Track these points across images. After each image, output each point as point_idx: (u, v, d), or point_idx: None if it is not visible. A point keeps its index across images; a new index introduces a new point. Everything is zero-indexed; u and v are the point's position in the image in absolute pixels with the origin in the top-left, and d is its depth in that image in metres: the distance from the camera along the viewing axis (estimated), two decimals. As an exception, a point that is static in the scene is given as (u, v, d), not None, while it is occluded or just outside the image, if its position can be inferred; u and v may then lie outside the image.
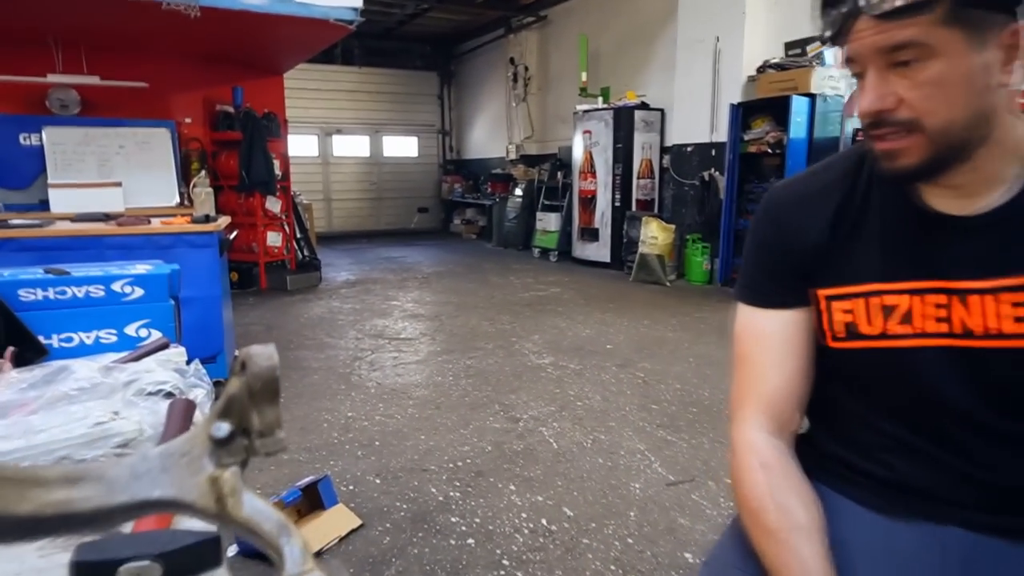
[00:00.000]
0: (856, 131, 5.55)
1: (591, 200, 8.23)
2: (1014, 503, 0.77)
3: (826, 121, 5.90)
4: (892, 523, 0.82)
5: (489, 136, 12.25)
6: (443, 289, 6.88)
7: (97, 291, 1.33)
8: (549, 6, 9.98)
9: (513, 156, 10.75)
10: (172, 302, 1.44)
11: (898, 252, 0.80)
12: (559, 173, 9.33)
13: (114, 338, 1.33)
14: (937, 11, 0.66)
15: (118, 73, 5.85)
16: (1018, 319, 0.72)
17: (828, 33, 0.75)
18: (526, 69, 10.50)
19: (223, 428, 0.53)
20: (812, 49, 5.94)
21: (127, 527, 0.69)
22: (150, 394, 0.96)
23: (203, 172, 4.96)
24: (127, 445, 0.85)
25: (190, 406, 0.89)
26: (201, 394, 1.05)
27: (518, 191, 10.09)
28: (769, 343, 0.88)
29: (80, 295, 1.32)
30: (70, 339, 1.30)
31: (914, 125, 0.71)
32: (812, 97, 5.85)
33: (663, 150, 7.91)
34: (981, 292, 0.74)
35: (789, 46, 6.19)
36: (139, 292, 1.38)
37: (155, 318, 1.38)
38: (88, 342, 1.31)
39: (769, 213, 0.92)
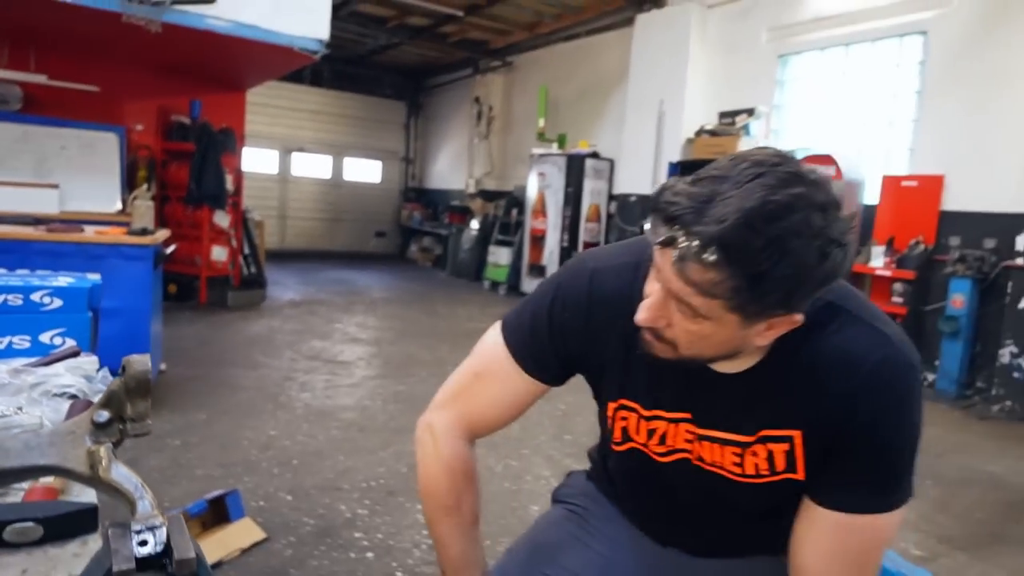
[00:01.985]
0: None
1: (541, 238, 8.53)
2: (709, 551, 1.05)
3: (754, 185, 6.35)
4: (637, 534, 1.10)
5: (451, 168, 12.53)
6: (388, 315, 6.98)
7: (15, 300, 1.40)
8: (515, 54, 10.40)
9: (472, 190, 11.03)
10: (90, 314, 1.55)
11: (666, 386, 0.92)
12: (514, 210, 9.64)
13: (28, 344, 1.42)
14: (720, 302, 0.72)
15: (69, 74, 5.85)
16: (736, 464, 0.90)
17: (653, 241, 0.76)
18: (490, 109, 10.86)
19: (103, 415, 0.70)
20: (740, 120, 6.47)
21: (18, 497, 0.82)
22: (56, 395, 1.08)
23: (145, 186, 4.99)
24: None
25: (89, 406, 1.03)
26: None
27: (474, 224, 10.34)
28: (501, 389, 1.01)
29: (-2, 301, 1.43)
30: (-16, 342, 1.40)
31: (673, 343, 0.81)
32: (742, 163, 6.30)
33: (611, 197, 8.30)
34: (711, 440, 0.91)
35: (722, 115, 6.71)
36: (58, 303, 1.45)
37: (71, 328, 1.47)
38: (0, 346, 1.41)
39: (581, 304, 0.95)
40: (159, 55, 6.03)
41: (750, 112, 6.50)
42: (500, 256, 9.43)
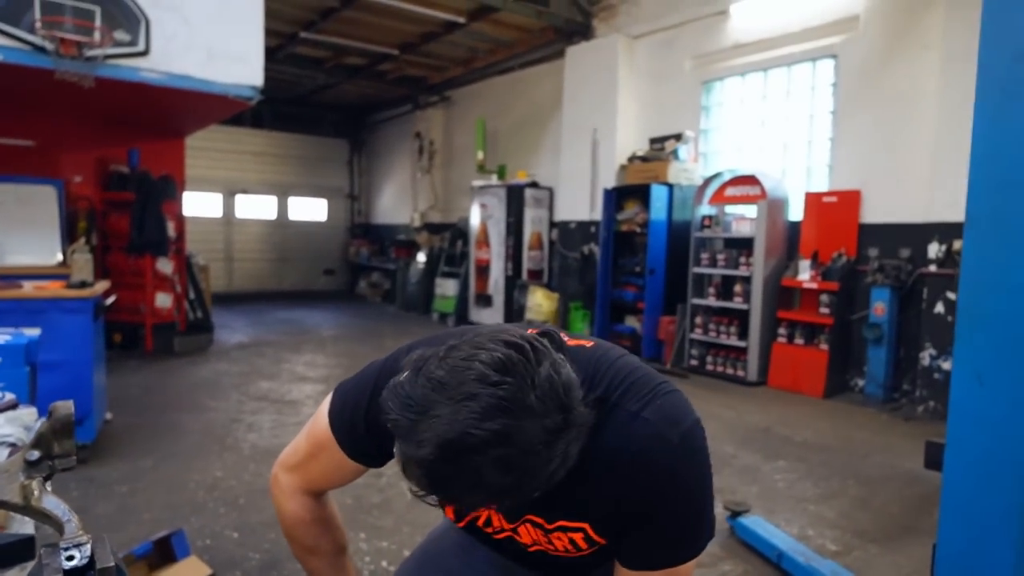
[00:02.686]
0: (704, 217, 6.36)
1: (486, 268, 8.74)
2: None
3: (683, 206, 6.72)
4: None
5: (396, 203, 12.68)
6: (338, 352, 7.05)
7: (-43, 357, 1.54)
8: (453, 88, 10.71)
9: (417, 223, 11.21)
10: (28, 368, 1.66)
11: None
12: (459, 242, 9.83)
13: (-30, 399, 1.54)
14: None
15: (3, 130, 5.85)
16: (547, 541, 1.01)
17: None
18: (431, 143, 11.11)
19: (33, 454, 0.85)
20: (669, 146, 6.84)
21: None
22: (-4, 443, 1.20)
23: (83, 239, 5.00)
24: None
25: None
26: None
27: (421, 257, 10.49)
28: (332, 464, 1.10)
29: (-59, 360, 1.54)
30: (-74, 398, 1.50)
31: None
32: (670, 186, 6.67)
33: (552, 225, 8.58)
34: (522, 521, 1.02)
35: (652, 141, 7.07)
36: None
37: (9, 382, 1.58)
38: (-55, 401, 1.51)
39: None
40: (95, 107, 6.08)
41: (678, 137, 6.88)
42: (447, 288, 9.60)
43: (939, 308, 5.03)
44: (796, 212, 6.09)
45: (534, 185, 8.55)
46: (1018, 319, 1.68)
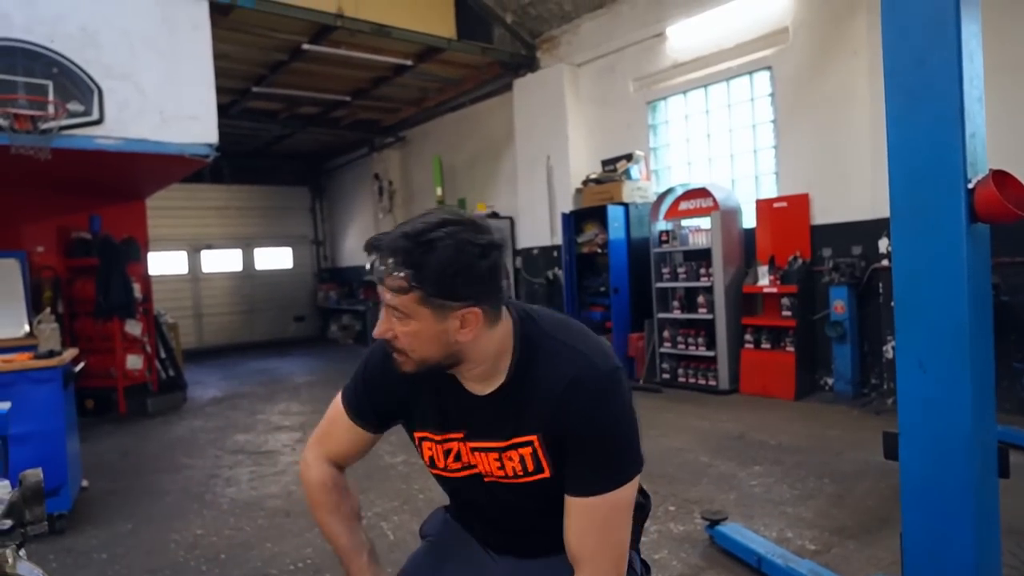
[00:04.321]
0: (661, 232, 6.55)
1: (456, 301, 8.80)
2: (531, 552, 1.32)
3: (641, 224, 6.91)
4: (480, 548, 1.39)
5: (361, 245, 12.56)
6: (312, 398, 7.04)
7: (-72, 437, 1.59)
8: (407, 128, 10.92)
9: (384, 263, 11.23)
10: (0, 440, 1.71)
11: (450, 415, 1.22)
12: (427, 277, 9.88)
13: (-57, 476, 1.59)
14: (412, 296, 1.04)
15: (-41, 206, 5.83)
16: (499, 468, 1.19)
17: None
18: (390, 183, 11.26)
19: (6, 523, 0.93)
20: (620, 166, 7.05)
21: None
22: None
23: (48, 309, 5.00)
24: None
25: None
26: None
27: (390, 295, 10.50)
28: (345, 434, 1.34)
29: (-88, 441, 1.58)
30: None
31: (405, 353, 1.11)
32: (626, 205, 6.87)
33: (515, 252, 8.72)
34: (480, 450, 1.20)
35: (605, 163, 7.28)
36: None
37: (-18, 457, 1.65)
38: (-82, 482, 1.56)
39: (377, 361, 1.27)
40: (53, 177, 6.07)
41: (629, 157, 7.10)
42: (420, 322, 9.61)
43: (894, 301, 5.21)
44: (749, 220, 6.28)
45: (494, 215, 8.70)
46: (948, 304, 1.81)
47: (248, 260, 13.11)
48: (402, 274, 1.03)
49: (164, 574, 2.97)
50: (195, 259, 12.44)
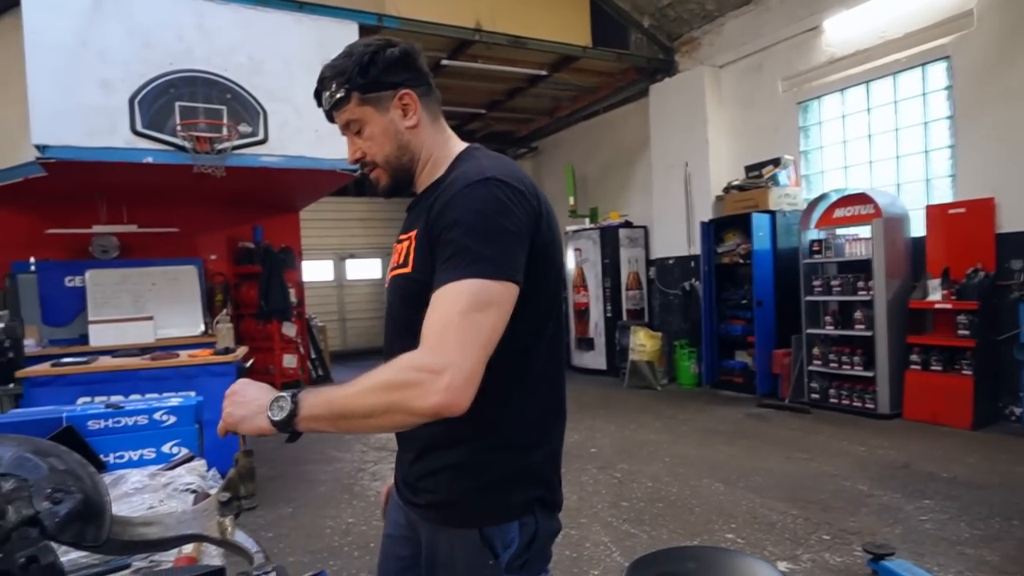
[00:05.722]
0: (812, 242, 6.09)
1: (585, 312, 8.75)
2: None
3: (789, 233, 6.48)
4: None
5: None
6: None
7: (143, 420, 1.78)
8: (539, 138, 11.05)
9: (515, 271, 11.42)
10: (197, 426, 1.89)
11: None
12: (557, 286, 9.91)
13: (153, 454, 1.77)
14: (352, 102, 1.16)
15: (154, 220, 6.67)
16: (393, 263, 1.18)
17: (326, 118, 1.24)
18: (523, 193, 11.40)
19: (225, 496, 0.98)
20: (767, 172, 6.64)
21: (171, 556, 1.11)
22: (182, 491, 1.39)
23: (224, 309, 5.55)
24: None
25: (206, 497, 1.33)
26: (215, 490, 1.48)
27: (520, 304, 10.64)
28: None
29: (130, 423, 1.77)
30: (122, 456, 1.74)
31: (374, 163, 1.19)
32: (772, 213, 6.47)
33: (649, 263, 8.51)
34: (399, 241, 1.19)
35: (749, 169, 6.91)
36: (172, 419, 1.82)
37: (184, 439, 1.81)
38: (135, 458, 1.75)
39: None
40: (224, 193, 6.81)
41: (776, 162, 6.69)
42: (550, 332, 9.64)
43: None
44: (917, 228, 5.70)
45: (628, 225, 8.55)
46: None
47: (387, 269, 13.81)
48: (338, 86, 1.15)
49: (322, 555, 3.16)
50: (340, 267, 13.33)
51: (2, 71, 5.50)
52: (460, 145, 1.23)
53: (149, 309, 6.43)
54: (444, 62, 7.70)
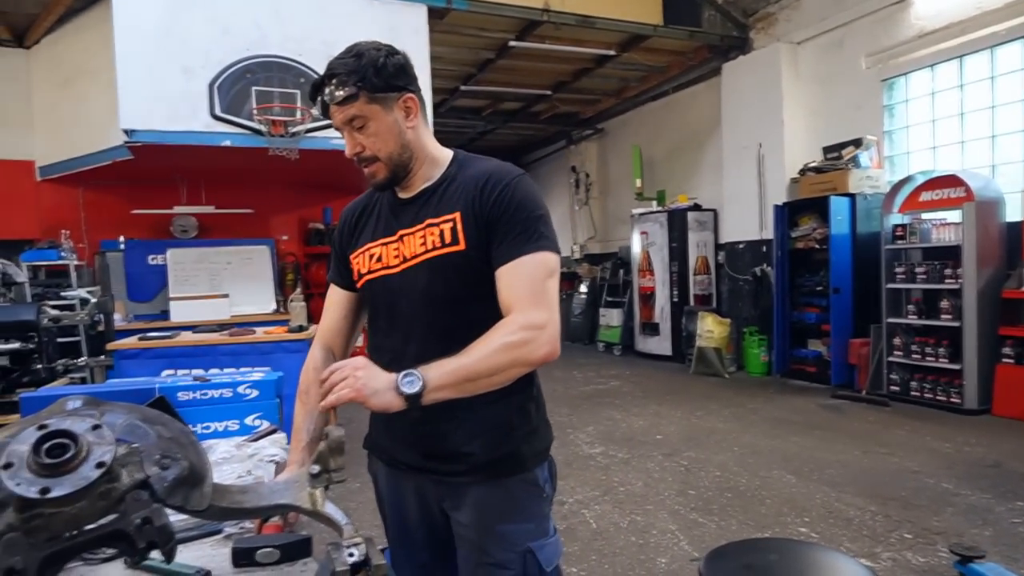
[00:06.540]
0: (895, 227, 5.76)
1: (651, 296, 8.59)
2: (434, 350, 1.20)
3: (869, 217, 6.15)
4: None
5: (558, 237, 12.93)
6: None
7: (228, 392, 1.86)
8: (605, 119, 10.84)
9: (578, 255, 11.35)
10: (278, 400, 1.96)
11: (382, 223, 1.35)
12: (620, 271, 9.79)
13: (237, 426, 1.84)
14: (361, 99, 1.20)
15: (230, 202, 6.94)
16: (421, 242, 1.26)
17: (319, 114, 1.31)
18: (587, 176, 11.28)
19: (315, 468, 1.00)
20: (847, 153, 6.30)
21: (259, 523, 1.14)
22: (267, 462, 1.44)
23: (297, 288, 5.73)
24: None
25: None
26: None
27: (583, 288, 10.58)
28: (331, 307, 1.46)
29: (216, 396, 1.86)
30: (208, 427, 1.82)
31: (374, 158, 1.25)
32: (852, 196, 6.15)
33: (717, 247, 8.26)
34: (406, 235, 1.28)
35: (827, 150, 6.57)
36: (255, 393, 1.89)
37: (266, 412, 1.88)
38: (220, 429, 1.83)
39: (341, 217, 1.46)
40: (296, 175, 7.01)
41: (857, 143, 6.34)
42: (611, 317, 9.56)
43: None
44: (1014, 212, 5.33)
45: (696, 208, 8.31)
46: None
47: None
48: (349, 83, 1.19)
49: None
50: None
51: (93, 62, 5.81)
52: (446, 148, 1.37)
53: (224, 287, 6.69)
54: (511, 43, 7.64)
